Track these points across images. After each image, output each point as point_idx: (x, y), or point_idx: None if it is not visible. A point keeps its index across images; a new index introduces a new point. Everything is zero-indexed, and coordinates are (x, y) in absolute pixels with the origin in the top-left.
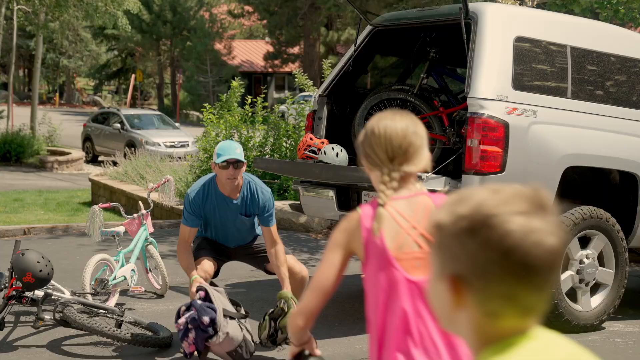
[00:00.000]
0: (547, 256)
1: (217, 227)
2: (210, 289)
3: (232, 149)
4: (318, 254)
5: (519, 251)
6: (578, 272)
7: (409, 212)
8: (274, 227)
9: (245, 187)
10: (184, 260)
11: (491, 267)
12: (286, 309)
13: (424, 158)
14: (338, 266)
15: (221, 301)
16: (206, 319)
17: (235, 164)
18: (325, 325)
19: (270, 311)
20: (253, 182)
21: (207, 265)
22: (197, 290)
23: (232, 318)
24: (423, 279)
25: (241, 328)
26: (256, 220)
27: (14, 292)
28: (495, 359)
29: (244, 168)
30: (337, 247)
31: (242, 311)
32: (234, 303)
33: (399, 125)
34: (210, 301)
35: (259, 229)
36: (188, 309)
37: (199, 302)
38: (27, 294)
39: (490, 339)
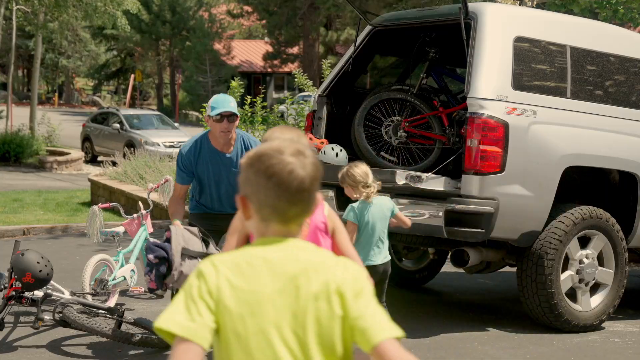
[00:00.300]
0: (298, 182)
1: (210, 188)
2: (177, 229)
3: (227, 102)
4: None
5: (277, 177)
6: (578, 272)
7: None
8: None
9: (238, 141)
10: (171, 209)
11: (261, 188)
12: None
13: None
14: (234, 247)
15: (185, 241)
16: (151, 257)
17: (229, 117)
18: None
19: None
20: (247, 136)
21: None
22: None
23: (193, 257)
24: None
25: None
26: None
27: (14, 293)
28: (253, 246)
29: (237, 122)
30: (235, 231)
31: (213, 248)
32: (206, 242)
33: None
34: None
35: None
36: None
37: (152, 240)
38: (27, 294)
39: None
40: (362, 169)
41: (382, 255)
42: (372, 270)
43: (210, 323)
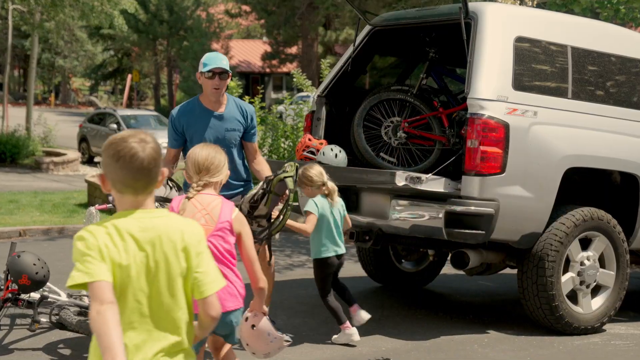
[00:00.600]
0: (139, 162)
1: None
2: None
3: (219, 60)
4: None
5: (124, 159)
6: (579, 274)
7: (204, 203)
8: (256, 143)
9: (230, 101)
10: None
11: (113, 167)
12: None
13: (221, 174)
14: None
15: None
16: None
17: (221, 74)
18: (325, 327)
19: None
20: (237, 99)
21: None
22: None
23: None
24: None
25: None
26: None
27: (10, 295)
28: (114, 218)
29: (229, 80)
30: None
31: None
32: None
33: (204, 152)
34: None
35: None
36: None
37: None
38: (23, 296)
39: (123, 209)
40: (316, 169)
41: (342, 248)
42: (339, 257)
43: (106, 265)
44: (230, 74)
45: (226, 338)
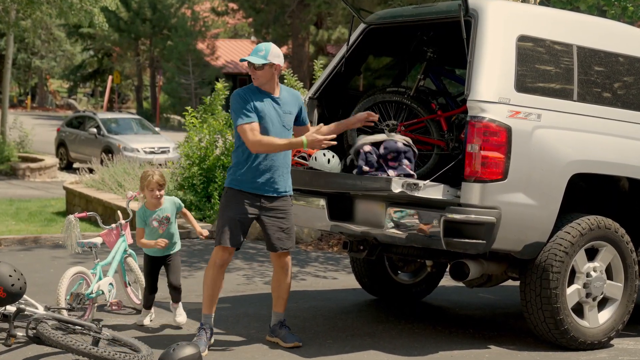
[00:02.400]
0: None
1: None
2: None
3: (255, 51)
4: (308, 267)
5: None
6: (585, 285)
7: None
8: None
9: (281, 88)
10: (271, 141)
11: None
12: None
13: None
14: None
15: None
16: None
17: (252, 65)
18: (316, 343)
19: None
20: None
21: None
22: None
23: None
24: None
25: None
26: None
27: None
28: None
29: (268, 70)
30: None
31: None
32: None
33: None
34: None
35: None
36: None
37: None
38: None
39: None
40: (159, 173)
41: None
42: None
43: None
44: (264, 65)
45: None
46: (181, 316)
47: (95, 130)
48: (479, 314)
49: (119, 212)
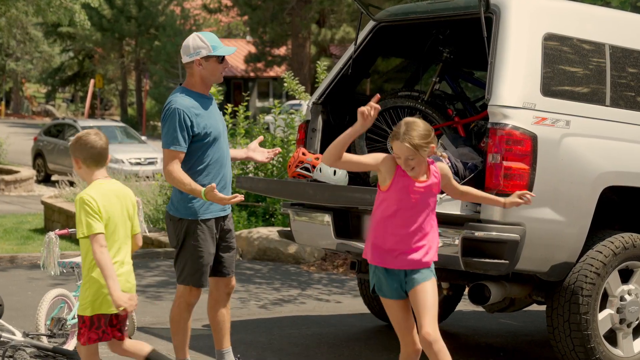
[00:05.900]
0: (97, 149)
1: (215, 155)
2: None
3: (221, 43)
4: (310, 290)
5: (86, 146)
6: (618, 310)
7: None
8: None
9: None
10: (181, 178)
11: (78, 151)
12: None
13: None
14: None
15: None
16: None
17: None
18: None
19: None
20: None
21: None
22: None
23: None
24: None
25: None
26: None
27: None
28: (86, 190)
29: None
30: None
31: None
32: None
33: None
34: None
35: None
36: None
37: None
38: None
39: (90, 182)
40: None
41: None
42: None
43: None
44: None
45: None
46: None
47: None
48: (500, 342)
49: None
